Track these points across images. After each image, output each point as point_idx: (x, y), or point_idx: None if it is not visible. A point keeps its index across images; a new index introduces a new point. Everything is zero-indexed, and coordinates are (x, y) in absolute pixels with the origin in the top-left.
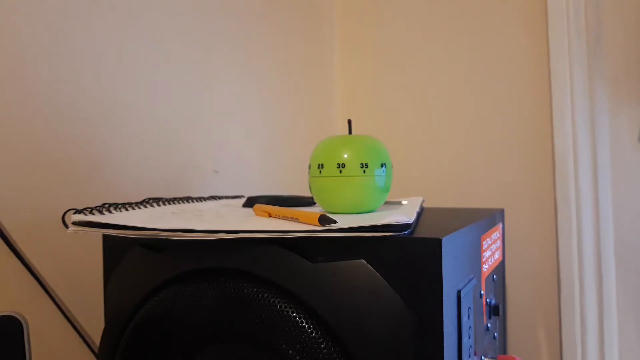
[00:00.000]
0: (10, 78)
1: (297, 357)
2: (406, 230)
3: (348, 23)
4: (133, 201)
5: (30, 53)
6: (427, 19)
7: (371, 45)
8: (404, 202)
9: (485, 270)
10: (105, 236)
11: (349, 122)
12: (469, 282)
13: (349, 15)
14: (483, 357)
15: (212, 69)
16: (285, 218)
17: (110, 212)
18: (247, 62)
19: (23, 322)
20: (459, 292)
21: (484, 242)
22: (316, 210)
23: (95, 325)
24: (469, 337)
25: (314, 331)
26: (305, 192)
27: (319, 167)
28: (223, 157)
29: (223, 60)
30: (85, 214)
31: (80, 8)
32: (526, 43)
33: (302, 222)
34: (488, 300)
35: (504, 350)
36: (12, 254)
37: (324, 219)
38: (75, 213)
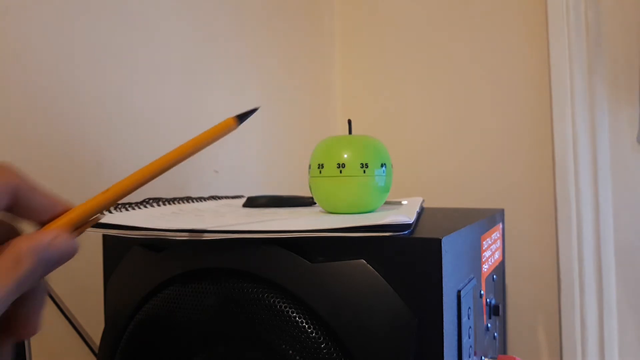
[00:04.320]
0: (10, 79)
1: (297, 357)
2: (406, 230)
3: (348, 23)
4: (133, 201)
5: (29, 53)
6: (427, 19)
7: (371, 46)
8: (404, 202)
9: (485, 270)
10: (105, 236)
11: (349, 122)
12: (469, 282)
13: (349, 15)
14: (483, 357)
15: (211, 69)
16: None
17: (110, 212)
18: (247, 61)
19: None
20: (459, 292)
21: (484, 242)
22: (316, 211)
23: (95, 325)
24: (469, 337)
25: (314, 331)
26: (305, 192)
27: (319, 167)
28: (223, 157)
29: (223, 60)
30: None
31: (80, 7)
32: (526, 43)
33: (211, 135)
34: (488, 300)
35: (504, 350)
36: None
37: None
38: None
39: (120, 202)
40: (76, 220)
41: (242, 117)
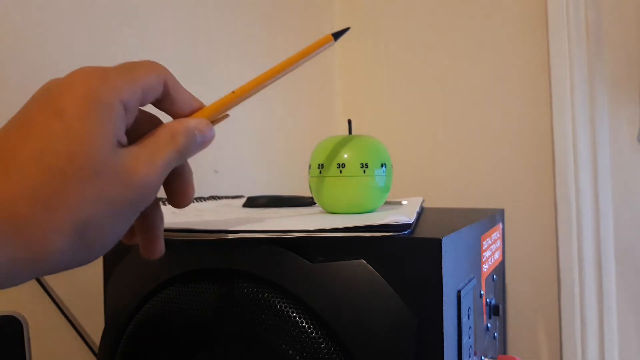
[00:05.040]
0: (9, 79)
1: (297, 357)
2: (406, 230)
3: (349, 22)
4: None
5: (29, 53)
6: (427, 19)
7: (372, 45)
8: (404, 202)
9: (485, 270)
10: None
11: (349, 122)
12: (469, 282)
13: (349, 14)
14: (483, 357)
15: (211, 68)
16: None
17: None
18: (247, 61)
19: (23, 322)
20: (459, 292)
21: (484, 242)
22: (316, 211)
23: (95, 325)
24: (469, 337)
25: (314, 331)
26: (305, 192)
27: (319, 167)
28: (223, 157)
29: (222, 59)
30: None
31: (79, 7)
32: (526, 43)
33: (310, 51)
34: (488, 300)
35: (504, 350)
36: None
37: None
38: None
39: None
40: (211, 114)
41: (336, 35)
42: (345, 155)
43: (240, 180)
